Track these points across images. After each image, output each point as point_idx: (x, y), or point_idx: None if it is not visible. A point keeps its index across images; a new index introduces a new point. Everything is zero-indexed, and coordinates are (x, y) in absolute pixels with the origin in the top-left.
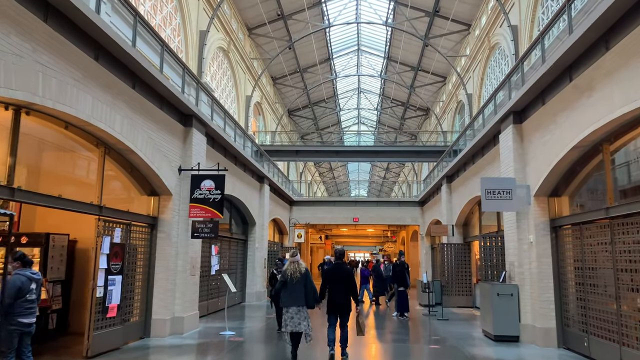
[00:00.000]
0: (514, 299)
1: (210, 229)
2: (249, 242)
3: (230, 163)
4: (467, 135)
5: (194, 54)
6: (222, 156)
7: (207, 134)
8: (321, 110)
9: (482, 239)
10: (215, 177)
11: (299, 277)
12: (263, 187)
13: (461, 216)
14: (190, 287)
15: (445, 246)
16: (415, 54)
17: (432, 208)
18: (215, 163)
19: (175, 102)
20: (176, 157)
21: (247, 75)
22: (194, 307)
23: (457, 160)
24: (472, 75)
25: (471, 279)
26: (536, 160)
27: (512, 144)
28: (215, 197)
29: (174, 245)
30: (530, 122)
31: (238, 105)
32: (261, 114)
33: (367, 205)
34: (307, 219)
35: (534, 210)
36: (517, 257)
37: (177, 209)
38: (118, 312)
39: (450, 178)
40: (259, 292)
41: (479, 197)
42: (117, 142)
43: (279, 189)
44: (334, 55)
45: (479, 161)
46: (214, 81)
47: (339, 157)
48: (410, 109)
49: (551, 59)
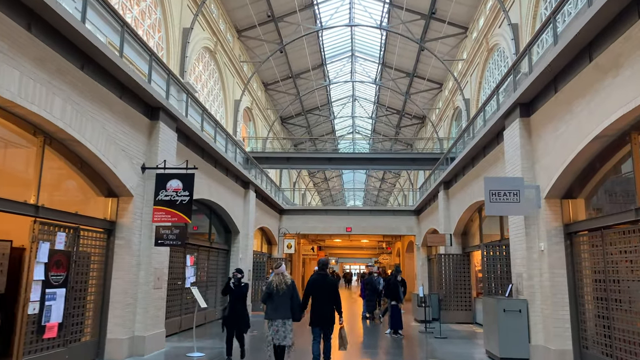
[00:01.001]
0: (523, 316)
1: (177, 235)
2: (232, 253)
3: (210, 165)
4: (466, 140)
5: (175, 52)
6: (199, 157)
7: (179, 130)
8: (315, 118)
9: (485, 248)
10: (183, 177)
11: (284, 289)
12: (248, 194)
13: (460, 224)
14: (154, 302)
15: (442, 257)
16: (411, 59)
17: (429, 217)
18: (194, 166)
19: (138, 92)
20: (139, 153)
21: (236, 78)
22: (159, 324)
23: (455, 164)
24: (469, 79)
25: (471, 292)
26: (548, 157)
27: (519, 140)
28: (182, 199)
29: (134, 253)
30: (539, 114)
31: (226, 109)
32: (252, 119)
33: (361, 214)
34: (297, 229)
35: (545, 214)
36: (526, 268)
37: (139, 212)
38: (60, 332)
39: (448, 184)
40: None
41: (480, 203)
42: (58, 131)
43: (267, 196)
44: (327, 60)
45: (480, 163)
46: (198, 82)
47: (332, 164)
48: (406, 117)
49: (566, 37)
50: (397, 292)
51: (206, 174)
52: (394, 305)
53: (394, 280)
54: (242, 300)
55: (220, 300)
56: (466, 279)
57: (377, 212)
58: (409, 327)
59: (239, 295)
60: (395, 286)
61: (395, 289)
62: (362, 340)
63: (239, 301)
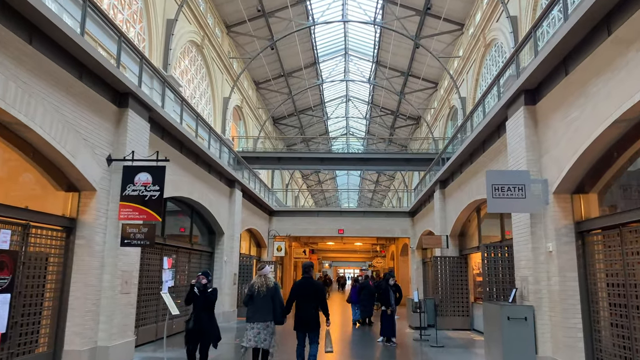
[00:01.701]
0: (529, 324)
1: (145, 234)
2: (216, 255)
3: (190, 161)
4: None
5: (158, 44)
6: (177, 151)
7: (153, 120)
8: (308, 119)
9: (486, 250)
10: (153, 170)
11: (265, 291)
12: (234, 193)
13: (457, 225)
14: (121, 309)
15: (439, 260)
16: (405, 58)
17: (424, 218)
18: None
19: (102, 74)
20: (104, 143)
21: (225, 75)
22: (127, 333)
23: (452, 161)
24: (465, 77)
25: (468, 297)
26: (557, 147)
27: (523, 131)
28: (152, 195)
29: (98, 255)
30: (547, 100)
31: (214, 107)
32: (242, 119)
33: (354, 215)
34: (287, 231)
35: (553, 211)
36: (532, 270)
37: (104, 209)
38: (3, 344)
39: (444, 183)
40: (227, 313)
41: (479, 202)
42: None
43: (256, 196)
44: (320, 59)
45: (479, 158)
46: (184, 77)
47: (325, 164)
48: (400, 118)
49: (581, 9)
50: (387, 298)
51: (186, 170)
52: (384, 311)
53: (385, 284)
54: (208, 310)
55: None
56: (463, 283)
57: (371, 214)
58: (403, 334)
59: (204, 304)
60: (386, 291)
61: (386, 294)
62: (350, 349)
63: (205, 310)
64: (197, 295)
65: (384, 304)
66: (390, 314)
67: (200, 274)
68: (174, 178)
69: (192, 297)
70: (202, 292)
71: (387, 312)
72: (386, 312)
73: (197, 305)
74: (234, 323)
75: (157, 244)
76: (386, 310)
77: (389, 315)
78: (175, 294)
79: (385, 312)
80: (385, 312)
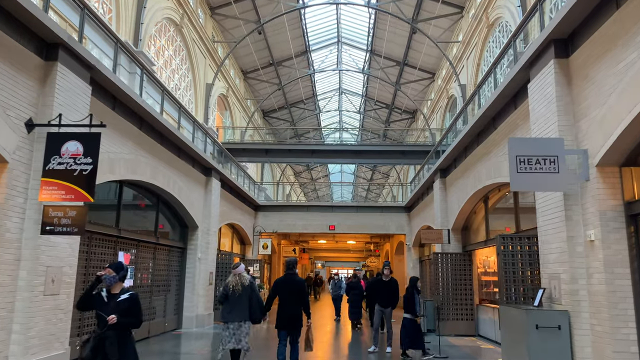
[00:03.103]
0: (564, 334)
1: (73, 219)
2: (189, 251)
3: (153, 141)
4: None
5: (128, 16)
6: (137, 128)
7: (97, 83)
8: (299, 112)
9: (502, 242)
10: (86, 138)
11: (240, 290)
12: (210, 182)
13: (460, 218)
14: (43, 314)
15: (439, 257)
16: (401, 46)
17: (421, 213)
18: (119, 134)
19: (18, 13)
20: (23, 104)
21: (209, 60)
22: (54, 345)
23: (455, 144)
24: (465, 63)
25: (473, 299)
26: (602, 107)
27: (553, 91)
28: (83, 169)
29: (10, 245)
30: (587, 48)
31: (196, 92)
32: (228, 109)
33: (346, 210)
34: (274, 227)
35: (596, 188)
36: (567, 266)
37: (21, 187)
38: None
39: (445, 171)
40: (201, 317)
41: (488, 189)
42: None
43: (239, 188)
44: (312, 47)
45: (489, 138)
46: (160, 58)
47: (316, 157)
48: (396, 112)
49: None
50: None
51: (147, 151)
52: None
53: (411, 289)
54: (120, 328)
55: (174, 307)
56: (467, 283)
57: (364, 209)
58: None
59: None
60: (412, 296)
61: (412, 300)
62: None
63: (114, 329)
64: (104, 301)
65: (410, 312)
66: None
67: (107, 266)
68: (130, 157)
69: (94, 302)
70: (112, 297)
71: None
72: (410, 320)
73: (102, 319)
74: (209, 328)
75: (110, 236)
76: (411, 319)
77: (416, 324)
78: None
79: (409, 321)
80: (409, 321)
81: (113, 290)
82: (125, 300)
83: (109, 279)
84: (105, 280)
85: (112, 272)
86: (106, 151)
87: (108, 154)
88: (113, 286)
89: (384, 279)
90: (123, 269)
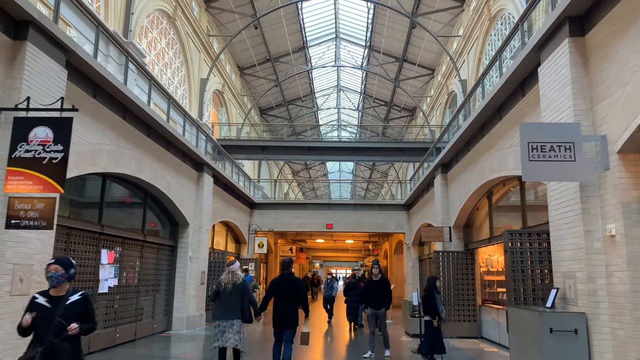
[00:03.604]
0: (581, 338)
1: (41, 213)
2: (179, 250)
3: (139, 133)
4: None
5: (117, 6)
6: (120, 117)
7: (74, 68)
8: (297, 110)
9: (510, 238)
10: (56, 123)
11: (231, 288)
12: (202, 178)
13: (462, 215)
14: (10, 317)
15: (440, 255)
16: (400, 42)
17: (421, 211)
18: (101, 124)
19: None
20: None
21: (204, 55)
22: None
23: (457, 138)
24: (466, 58)
25: (475, 299)
26: (624, 87)
27: (568, 72)
28: (53, 157)
29: None
30: (606, 25)
31: (190, 88)
32: (224, 105)
33: (344, 209)
34: (270, 225)
35: (617, 178)
36: (583, 264)
37: None
38: None
39: (447, 166)
40: (192, 318)
41: (492, 183)
42: None
43: (233, 185)
44: (310, 43)
45: (494, 129)
46: (152, 50)
47: (313, 154)
48: (395, 109)
49: None
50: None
51: (132, 143)
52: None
53: (430, 288)
54: (68, 337)
55: (163, 308)
56: (469, 283)
57: (362, 207)
58: (399, 344)
59: (59, 326)
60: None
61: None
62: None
63: (60, 334)
64: (47, 307)
65: (429, 314)
66: (436, 326)
67: (53, 262)
68: (113, 149)
69: (37, 308)
70: (55, 301)
71: (432, 324)
72: (431, 323)
73: (42, 325)
74: (201, 330)
75: (91, 232)
76: (431, 322)
77: (434, 328)
78: (121, 296)
79: (431, 324)
80: (431, 324)
81: (58, 292)
82: (77, 302)
83: (55, 278)
84: (52, 279)
85: (60, 268)
86: (87, 141)
87: (89, 145)
88: (59, 287)
89: (374, 278)
90: (73, 266)
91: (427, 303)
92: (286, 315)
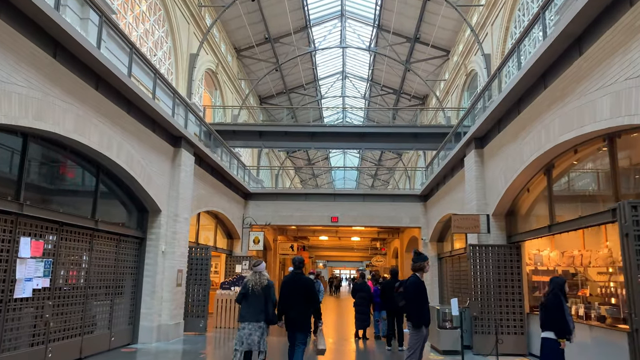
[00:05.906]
0: None
1: None
2: (149, 242)
3: (85, 84)
4: None
5: None
6: (49, 55)
7: None
8: (299, 98)
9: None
10: None
11: (259, 290)
12: (179, 155)
13: (505, 199)
14: None
15: (476, 250)
16: (413, 19)
17: (441, 201)
18: (13, 55)
19: None
20: None
21: (194, 27)
22: None
23: (504, 97)
24: (490, 30)
25: (522, 305)
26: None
27: None
28: None
29: None
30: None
31: (176, 62)
32: (218, 88)
33: (351, 200)
34: (267, 218)
35: None
36: None
37: None
38: None
39: (483, 140)
40: (165, 327)
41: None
42: None
43: (222, 169)
44: (313, 22)
45: (568, 71)
46: (129, 13)
47: (315, 140)
48: (404, 97)
49: None
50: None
51: (71, 95)
52: (552, 341)
53: (557, 290)
54: None
55: (127, 315)
56: (515, 285)
57: (372, 197)
58: None
59: None
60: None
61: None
62: None
63: None
64: None
65: (554, 329)
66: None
67: None
68: (33, 95)
69: None
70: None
71: (558, 345)
72: (555, 344)
73: None
74: (176, 342)
75: (2, 212)
76: (555, 341)
77: (559, 351)
78: (55, 301)
79: (555, 345)
80: (555, 345)
81: None
82: None
83: None
84: None
85: None
86: None
87: None
88: None
89: (421, 278)
90: None
91: (553, 314)
92: (294, 317)
